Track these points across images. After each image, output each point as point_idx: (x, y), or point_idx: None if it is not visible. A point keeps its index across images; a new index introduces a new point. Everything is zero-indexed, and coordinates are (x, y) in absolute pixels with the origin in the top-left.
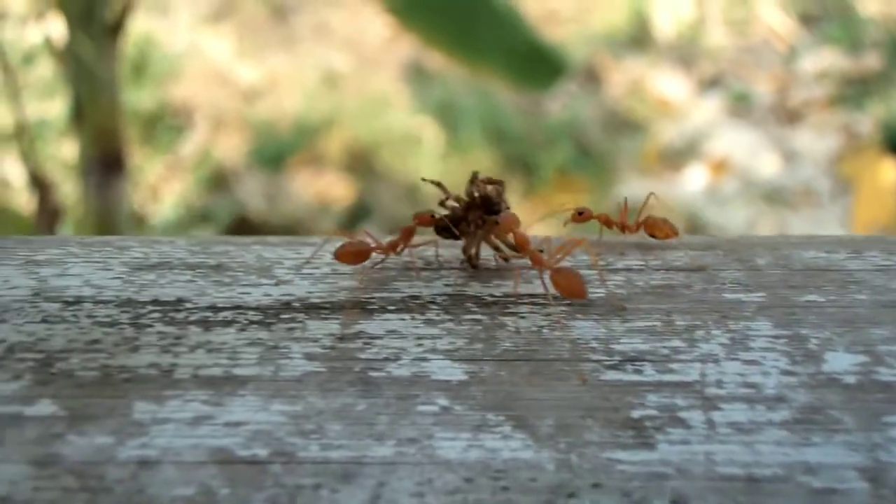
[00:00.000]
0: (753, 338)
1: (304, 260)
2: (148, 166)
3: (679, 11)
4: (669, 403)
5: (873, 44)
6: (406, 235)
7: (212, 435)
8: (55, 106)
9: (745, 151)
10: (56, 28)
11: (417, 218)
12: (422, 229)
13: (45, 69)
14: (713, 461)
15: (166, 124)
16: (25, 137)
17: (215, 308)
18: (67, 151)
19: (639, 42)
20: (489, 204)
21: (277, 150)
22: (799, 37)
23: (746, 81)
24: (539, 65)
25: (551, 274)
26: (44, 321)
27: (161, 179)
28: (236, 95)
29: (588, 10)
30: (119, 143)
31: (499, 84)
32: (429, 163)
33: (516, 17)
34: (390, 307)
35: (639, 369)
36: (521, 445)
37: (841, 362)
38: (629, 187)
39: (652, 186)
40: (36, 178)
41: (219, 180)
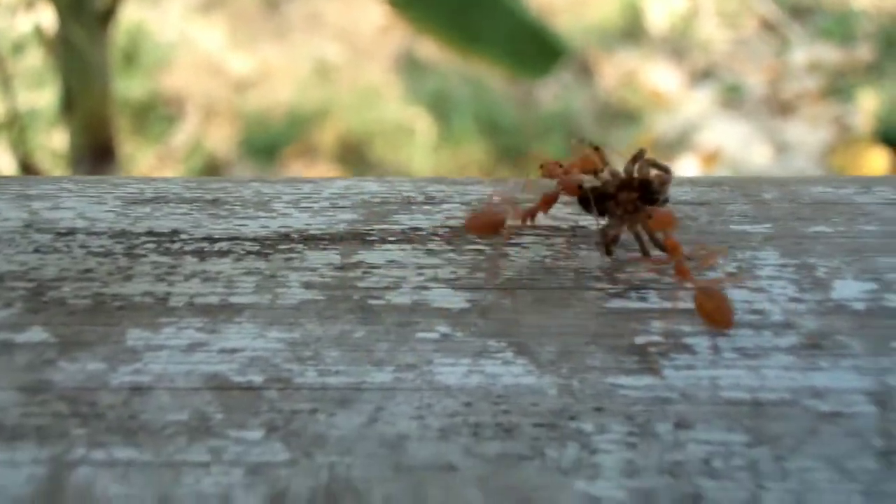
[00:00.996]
0: (760, 266)
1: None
2: (139, 156)
3: (672, 3)
4: (674, 329)
5: (865, 36)
6: (547, 202)
7: (206, 361)
8: (45, 95)
9: (737, 143)
10: (46, 17)
11: (563, 184)
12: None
13: (35, 58)
14: (718, 386)
15: (157, 114)
16: (16, 126)
17: (211, 239)
18: (58, 141)
19: (632, 34)
20: (647, 190)
21: (270, 141)
22: (791, 29)
23: (739, 73)
24: (538, 48)
25: (697, 294)
26: (36, 251)
27: (152, 169)
28: (228, 86)
29: (582, 2)
30: (109, 133)
31: (495, 72)
32: (421, 154)
33: (515, 1)
34: (391, 238)
35: (643, 297)
36: (523, 371)
37: (849, 289)
38: None
39: None
40: (26, 167)
41: (210, 171)
